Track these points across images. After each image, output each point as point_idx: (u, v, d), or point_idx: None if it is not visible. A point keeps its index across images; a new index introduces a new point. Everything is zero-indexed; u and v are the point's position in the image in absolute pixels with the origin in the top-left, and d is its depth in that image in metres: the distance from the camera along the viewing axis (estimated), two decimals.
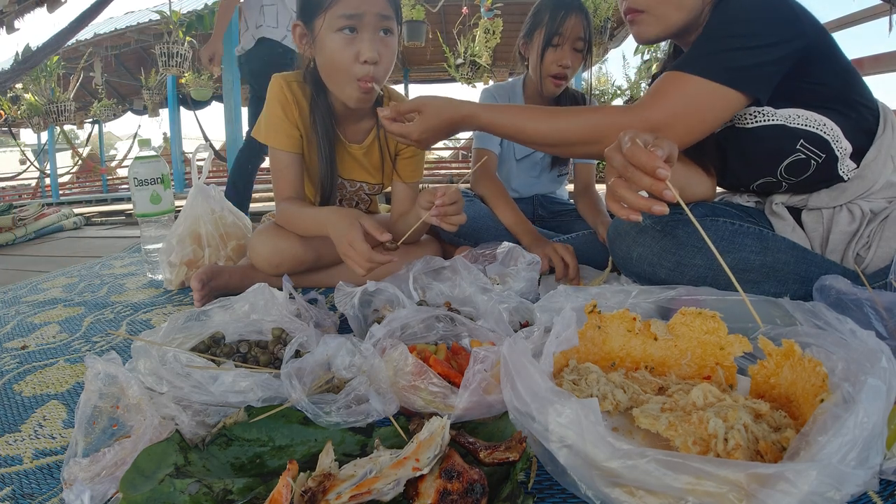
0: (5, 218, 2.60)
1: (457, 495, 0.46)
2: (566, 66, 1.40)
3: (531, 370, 0.52)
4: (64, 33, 2.51)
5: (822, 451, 0.39)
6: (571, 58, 1.40)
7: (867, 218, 0.87)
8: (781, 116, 0.84)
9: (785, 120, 0.84)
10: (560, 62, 1.40)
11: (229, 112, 2.60)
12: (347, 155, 1.27)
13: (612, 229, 0.96)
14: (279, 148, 1.18)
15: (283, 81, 1.18)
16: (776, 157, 0.88)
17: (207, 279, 1.18)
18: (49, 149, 6.89)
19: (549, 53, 1.40)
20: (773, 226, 0.95)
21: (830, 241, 0.90)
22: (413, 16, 4.30)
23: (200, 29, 4.36)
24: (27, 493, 0.57)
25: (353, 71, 1.05)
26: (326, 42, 1.05)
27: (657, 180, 0.61)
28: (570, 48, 1.40)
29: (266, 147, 1.23)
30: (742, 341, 0.63)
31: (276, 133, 1.18)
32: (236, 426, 0.60)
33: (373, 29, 1.04)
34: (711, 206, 0.93)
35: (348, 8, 1.01)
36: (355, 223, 0.96)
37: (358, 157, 1.28)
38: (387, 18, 1.05)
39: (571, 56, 1.40)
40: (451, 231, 1.01)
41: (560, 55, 1.40)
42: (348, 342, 0.73)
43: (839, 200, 0.89)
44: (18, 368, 0.93)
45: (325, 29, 1.04)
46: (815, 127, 0.83)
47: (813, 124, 0.83)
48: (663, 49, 3.79)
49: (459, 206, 0.99)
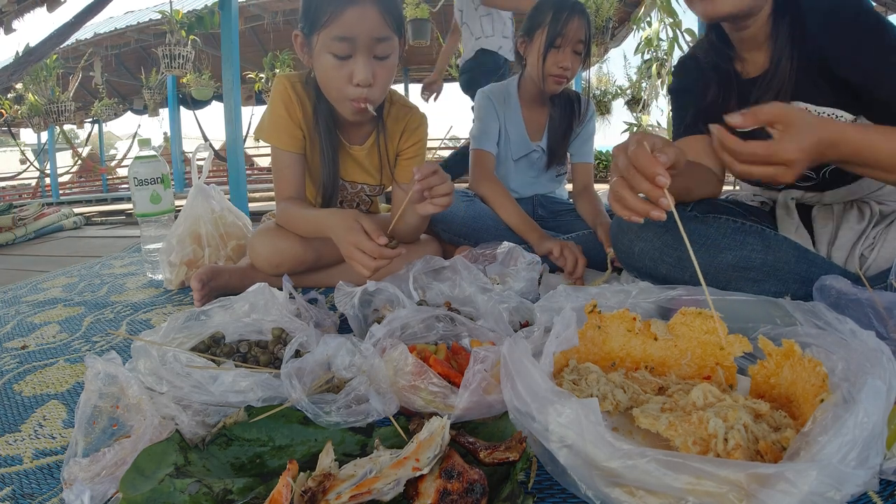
0: (5, 218, 2.60)
1: (457, 495, 0.46)
2: (567, 67, 1.41)
3: (531, 370, 0.52)
4: (66, 28, 2.51)
5: (822, 451, 0.39)
6: (572, 60, 1.41)
7: (875, 218, 0.88)
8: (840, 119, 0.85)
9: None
10: (561, 64, 1.41)
11: (229, 112, 2.59)
12: (349, 157, 1.27)
13: (614, 224, 0.97)
14: (281, 147, 1.18)
15: (288, 82, 1.18)
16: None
17: (208, 279, 1.18)
18: (49, 149, 6.89)
19: (551, 55, 1.41)
20: (778, 225, 0.95)
21: (839, 238, 0.90)
22: (418, 14, 4.29)
23: (201, 29, 4.35)
24: (27, 493, 0.57)
25: (346, 92, 1.05)
26: (321, 60, 1.05)
27: (655, 187, 0.61)
28: (571, 50, 1.41)
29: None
30: (742, 341, 0.63)
31: (278, 133, 1.18)
32: (236, 426, 0.60)
33: (367, 51, 1.02)
34: (715, 204, 0.93)
35: (342, 30, 0.99)
36: (356, 224, 0.95)
37: (359, 159, 1.28)
38: (382, 41, 1.02)
39: (572, 58, 1.41)
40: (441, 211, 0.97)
41: (561, 57, 1.41)
42: (348, 342, 0.73)
43: (851, 196, 0.90)
44: (18, 368, 0.93)
45: (320, 47, 1.03)
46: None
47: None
48: (664, 49, 3.79)
49: (441, 177, 0.94)
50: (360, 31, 1.00)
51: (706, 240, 0.85)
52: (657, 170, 0.61)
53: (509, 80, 1.63)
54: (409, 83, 7.67)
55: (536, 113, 1.59)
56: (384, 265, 0.94)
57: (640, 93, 4.06)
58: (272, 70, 5.58)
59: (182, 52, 4.36)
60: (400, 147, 1.28)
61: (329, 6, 0.99)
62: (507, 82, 1.63)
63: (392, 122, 1.26)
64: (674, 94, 1.08)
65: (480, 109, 1.59)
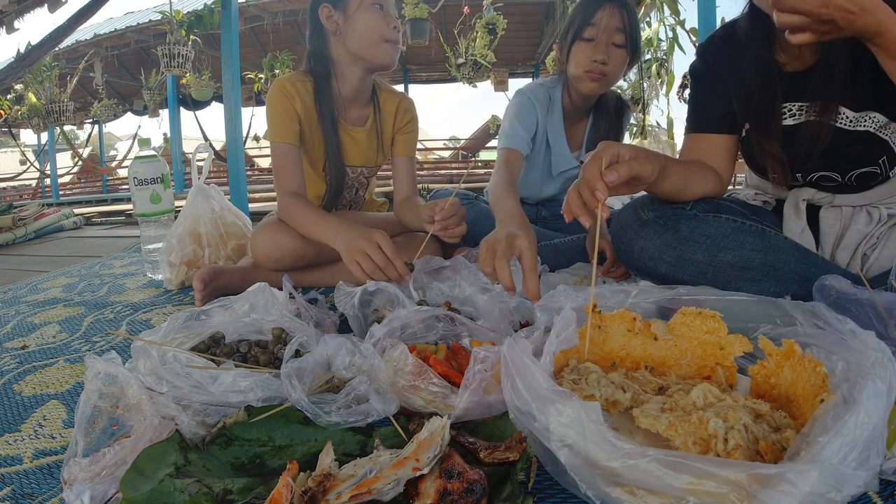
0: (5, 218, 2.60)
1: (457, 495, 0.46)
2: (602, 61, 1.24)
3: (532, 369, 0.52)
4: (63, 28, 2.50)
5: (822, 451, 0.39)
6: (609, 52, 1.24)
7: (882, 221, 0.88)
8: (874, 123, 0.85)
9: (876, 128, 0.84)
10: (595, 57, 1.24)
11: (229, 112, 2.60)
12: (350, 140, 1.35)
13: (615, 223, 0.96)
14: (279, 140, 1.23)
15: (285, 81, 1.25)
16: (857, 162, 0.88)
17: (209, 279, 1.19)
18: (49, 149, 6.90)
19: (581, 47, 1.27)
20: (783, 225, 0.95)
21: (845, 238, 0.90)
22: (417, 14, 4.30)
23: (200, 28, 4.35)
24: (27, 493, 0.57)
25: (387, 34, 1.22)
26: (362, 16, 1.21)
27: (592, 198, 0.70)
28: (608, 42, 1.24)
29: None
30: (742, 341, 0.63)
31: (275, 128, 1.24)
32: (236, 426, 0.60)
33: (391, 6, 1.25)
34: (716, 203, 0.93)
35: None
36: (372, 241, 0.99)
37: (360, 141, 1.36)
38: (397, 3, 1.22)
39: (609, 50, 1.24)
40: (454, 242, 1.06)
41: (594, 50, 1.25)
42: (348, 342, 0.73)
43: (863, 201, 0.90)
44: (18, 368, 0.93)
45: (362, 8, 1.21)
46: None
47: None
48: (663, 49, 3.79)
49: (459, 218, 1.07)
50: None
51: (705, 238, 0.85)
52: (598, 185, 0.69)
53: (551, 86, 1.43)
54: (408, 83, 7.68)
55: (577, 124, 1.47)
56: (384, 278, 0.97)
57: (640, 93, 4.05)
58: (272, 70, 5.58)
59: (182, 51, 4.37)
60: (397, 126, 1.40)
61: None
62: (550, 87, 1.43)
63: (385, 103, 1.39)
64: (697, 78, 1.03)
65: (519, 107, 1.39)
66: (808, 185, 0.96)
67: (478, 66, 4.87)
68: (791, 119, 0.91)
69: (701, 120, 1.00)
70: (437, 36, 5.08)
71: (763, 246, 0.84)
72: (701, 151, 0.98)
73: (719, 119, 0.97)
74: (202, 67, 5.51)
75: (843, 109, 0.86)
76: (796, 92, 0.90)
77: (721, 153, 0.98)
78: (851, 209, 0.91)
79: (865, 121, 0.85)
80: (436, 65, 6.81)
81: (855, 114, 0.85)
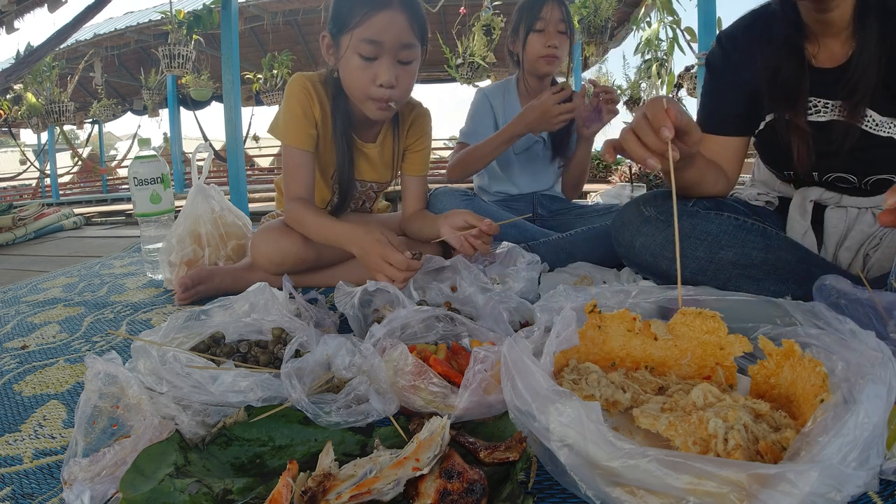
0: (5, 218, 2.60)
1: (457, 495, 0.46)
2: (555, 45, 1.51)
3: (532, 369, 0.52)
4: (66, 29, 2.51)
5: (822, 451, 0.38)
6: (558, 39, 1.52)
7: None
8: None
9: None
10: (548, 43, 1.51)
11: (229, 112, 2.60)
12: (361, 156, 1.30)
13: (616, 219, 0.96)
14: (296, 146, 1.18)
15: (307, 80, 1.18)
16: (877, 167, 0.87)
17: (192, 284, 1.19)
18: (49, 149, 6.90)
19: (535, 37, 1.51)
20: (787, 225, 0.95)
21: (849, 238, 0.90)
22: None
23: (200, 28, 4.35)
24: (27, 493, 0.57)
25: (371, 92, 1.08)
26: (349, 61, 1.08)
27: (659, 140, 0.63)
28: (555, 31, 1.51)
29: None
30: (742, 341, 0.63)
31: (294, 131, 1.17)
32: (236, 426, 0.60)
33: (393, 55, 1.06)
34: (718, 201, 0.93)
35: (372, 32, 1.03)
36: (382, 238, 0.99)
37: (371, 157, 1.30)
38: (407, 47, 1.07)
39: (558, 38, 1.52)
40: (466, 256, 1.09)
41: (546, 38, 1.51)
42: (348, 342, 0.73)
43: (870, 203, 0.89)
44: (18, 368, 0.93)
45: (350, 49, 1.06)
46: None
47: None
48: (663, 50, 3.79)
49: (488, 240, 1.09)
50: (388, 36, 1.04)
51: (707, 235, 0.85)
52: (665, 123, 0.63)
53: (508, 79, 1.68)
54: None
55: None
56: (412, 276, 0.98)
57: (639, 93, 4.06)
58: (271, 71, 5.58)
59: (182, 51, 4.37)
60: (407, 141, 1.32)
61: (360, 10, 1.03)
62: (506, 80, 1.68)
63: (399, 117, 1.30)
64: (713, 71, 1.00)
65: (474, 107, 1.66)
66: (821, 185, 0.94)
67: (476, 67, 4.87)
68: (817, 116, 0.88)
69: (713, 121, 0.98)
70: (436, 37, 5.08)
71: (764, 244, 0.84)
72: (710, 153, 0.97)
73: (732, 120, 0.96)
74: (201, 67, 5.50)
75: (869, 112, 0.84)
76: (824, 88, 0.87)
77: (730, 155, 0.97)
78: (857, 210, 0.91)
79: (891, 127, 0.83)
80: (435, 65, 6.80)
81: (881, 118, 0.83)
